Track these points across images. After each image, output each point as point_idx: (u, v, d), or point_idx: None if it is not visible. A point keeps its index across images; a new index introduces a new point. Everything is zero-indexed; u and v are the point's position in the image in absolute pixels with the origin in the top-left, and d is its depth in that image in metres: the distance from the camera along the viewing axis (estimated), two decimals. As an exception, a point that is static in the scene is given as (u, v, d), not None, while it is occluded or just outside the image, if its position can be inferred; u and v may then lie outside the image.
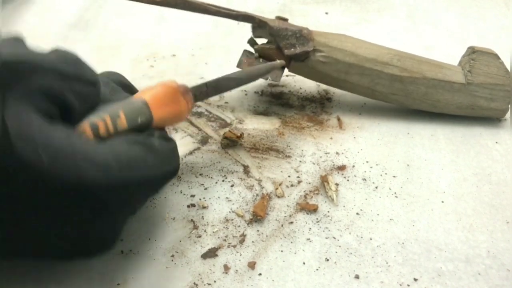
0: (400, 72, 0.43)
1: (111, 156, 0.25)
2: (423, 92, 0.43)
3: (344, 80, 0.44)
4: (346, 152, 0.42)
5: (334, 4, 0.65)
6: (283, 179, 0.39)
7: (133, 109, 0.30)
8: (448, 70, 0.44)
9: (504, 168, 0.41)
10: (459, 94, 0.43)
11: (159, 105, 0.31)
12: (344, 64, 0.43)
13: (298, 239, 0.34)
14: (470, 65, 0.43)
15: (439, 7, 0.65)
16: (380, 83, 0.43)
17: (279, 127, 0.44)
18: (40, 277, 0.31)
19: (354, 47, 0.43)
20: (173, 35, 0.42)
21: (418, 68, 0.43)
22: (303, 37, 0.42)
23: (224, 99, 0.47)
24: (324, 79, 0.45)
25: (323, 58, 0.43)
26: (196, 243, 0.34)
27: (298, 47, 0.42)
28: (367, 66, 0.43)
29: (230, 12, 0.41)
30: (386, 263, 0.33)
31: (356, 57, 0.43)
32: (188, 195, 0.37)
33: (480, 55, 0.44)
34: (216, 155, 0.41)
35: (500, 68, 0.43)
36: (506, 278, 0.32)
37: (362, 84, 0.44)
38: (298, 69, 0.44)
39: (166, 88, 0.32)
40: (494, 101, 0.43)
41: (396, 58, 0.43)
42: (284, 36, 0.42)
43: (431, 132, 0.44)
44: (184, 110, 0.33)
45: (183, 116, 0.34)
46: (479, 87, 0.43)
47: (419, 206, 0.37)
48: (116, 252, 0.33)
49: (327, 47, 0.43)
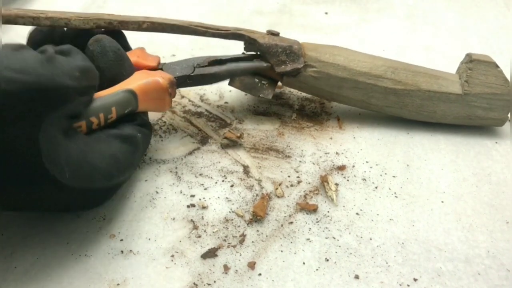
0: (394, 85, 0.42)
1: (113, 166, 0.31)
2: (419, 104, 0.43)
3: (337, 94, 0.43)
4: (346, 152, 0.42)
5: (334, 4, 0.65)
6: (283, 179, 0.39)
7: (123, 103, 0.33)
8: (445, 81, 0.43)
9: (504, 168, 0.41)
10: (456, 105, 0.42)
11: (146, 99, 0.35)
12: (336, 79, 0.42)
13: (298, 239, 0.34)
14: (467, 74, 0.42)
15: (439, 7, 0.65)
16: (374, 96, 0.43)
17: (279, 127, 0.44)
18: (40, 277, 0.31)
19: (347, 60, 0.42)
20: (173, 35, 0.42)
21: (413, 80, 0.42)
22: (293, 53, 0.42)
23: (224, 99, 0.47)
24: (317, 93, 0.44)
25: (315, 73, 0.42)
26: (196, 243, 0.34)
27: (289, 64, 0.42)
28: (360, 80, 0.42)
29: (219, 32, 0.41)
30: (386, 263, 0.33)
31: (348, 71, 0.42)
32: (188, 195, 0.37)
33: (478, 64, 0.42)
34: (216, 155, 0.41)
35: (498, 77, 0.42)
36: (505, 278, 0.32)
37: (356, 97, 0.43)
38: (291, 83, 0.44)
39: (156, 84, 0.35)
40: (492, 110, 0.42)
41: (390, 70, 0.42)
42: (274, 53, 0.41)
43: (431, 132, 0.44)
44: (167, 105, 0.37)
45: (164, 110, 0.38)
46: (477, 97, 0.42)
47: (419, 206, 0.37)
48: (116, 252, 0.33)
49: (318, 62, 0.42)
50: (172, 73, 0.39)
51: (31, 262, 0.32)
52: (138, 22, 0.39)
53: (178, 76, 0.39)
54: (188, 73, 0.40)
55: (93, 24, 0.37)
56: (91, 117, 0.31)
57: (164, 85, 0.36)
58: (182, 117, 0.45)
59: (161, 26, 0.40)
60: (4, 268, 0.31)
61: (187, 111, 0.46)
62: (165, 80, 0.36)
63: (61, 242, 0.33)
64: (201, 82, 0.41)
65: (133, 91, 0.34)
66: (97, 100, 0.32)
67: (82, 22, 0.37)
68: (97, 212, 0.35)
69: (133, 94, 0.34)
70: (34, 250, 0.33)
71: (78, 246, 0.33)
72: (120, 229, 0.34)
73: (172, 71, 0.40)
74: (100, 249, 0.33)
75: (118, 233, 0.34)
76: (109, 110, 0.32)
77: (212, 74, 0.40)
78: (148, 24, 0.39)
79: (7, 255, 0.32)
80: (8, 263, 0.32)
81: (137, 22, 0.39)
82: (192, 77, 0.40)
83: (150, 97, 0.35)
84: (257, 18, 0.60)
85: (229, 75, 0.42)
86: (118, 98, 0.33)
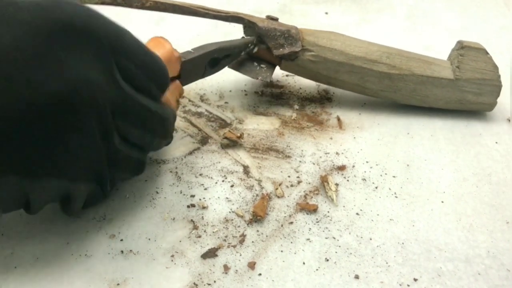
0: (389, 69, 0.43)
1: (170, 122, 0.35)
2: (412, 88, 0.44)
3: (334, 78, 0.44)
4: (346, 152, 0.42)
5: (334, 4, 0.65)
6: (283, 179, 0.39)
7: None
8: (437, 66, 0.44)
9: (504, 168, 0.41)
10: (448, 89, 0.44)
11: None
12: (333, 63, 0.43)
13: (298, 239, 0.34)
14: (459, 60, 0.44)
15: (439, 7, 0.65)
16: (369, 80, 0.44)
17: (279, 127, 0.44)
18: (40, 277, 0.31)
19: (344, 45, 0.43)
20: (173, 35, 0.42)
21: (407, 65, 0.44)
22: (291, 37, 0.43)
23: (224, 99, 0.47)
24: (314, 77, 0.45)
25: (313, 57, 0.43)
26: (196, 243, 0.34)
27: (287, 47, 0.43)
28: (356, 65, 0.43)
29: (219, 14, 0.42)
30: (386, 263, 0.33)
31: (345, 55, 0.43)
32: (188, 195, 0.37)
33: (468, 50, 0.44)
34: (216, 155, 0.41)
35: (488, 63, 0.44)
36: (506, 278, 0.32)
37: (352, 81, 0.44)
38: (289, 67, 0.45)
39: (167, 51, 0.36)
40: (482, 95, 0.44)
41: (385, 55, 0.44)
42: (273, 37, 0.43)
43: (431, 132, 0.44)
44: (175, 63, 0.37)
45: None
46: (467, 82, 0.44)
47: (419, 206, 0.37)
48: (116, 252, 0.33)
49: (316, 46, 0.43)
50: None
51: (31, 262, 0.32)
52: (141, 0, 0.40)
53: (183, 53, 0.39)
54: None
55: (98, 0, 0.38)
56: None
57: (170, 48, 0.37)
58: (182, 117, 0.45)
59: (164, 6, 0.41)
60: (4, 268, 0.31)
61: (187, 111, 0.46)
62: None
63: (61, 242, 0.33)
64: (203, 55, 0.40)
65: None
66: None
67: None
68: (97, 212, 0.35)
69: None
70: (34, 250, 0.33)
71: (78, 246, 0.33)
72: (120, 229, 0.34)
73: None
74: (100, 249, 0.33)
75: (118, 233, 0.34)
76: None
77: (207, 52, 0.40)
78: (151, 3, 0.40)
79: (7, 255, 0.32)
80: (8, 263, 0.32)
81: (140, 0, 0.40)
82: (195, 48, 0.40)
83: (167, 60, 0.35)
84: (257, 18, 0.60)
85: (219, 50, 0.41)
86: None
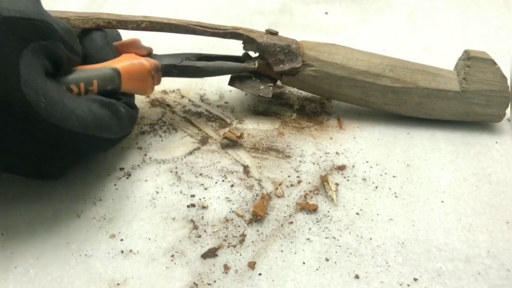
0: (393, 83, 0.42)
1: (89, 116, 0.32)
2: (417, 102, 0.43)
3: (336, 92, 0.43)
4: (346, 152, 0.42)
5: (334, 4, 0.65)
6: (283, 179, 0.39)
7: (106, 79, 0.34)
8: (443, 78, 0.43)
9: (504, 168, 0.41)
10: (454, 101, 0.43)
11: (129, 79, 0.36)
12: (335, 78, 0.42)
13: (298, 239, 0.34)
14: (465, 72, 0.42)
15: (439, 7, 0.65)
16: (373, 94, 0.43)
17: (279, 127, 0.44)
18: (40, 277, 0.31)
19: (345, 59, 0.42)
20: (173, 35, 0.42)
21: (411, 77, 0.42)
22: (291, 52, 0.42)
23: (224, 99, 0.47)
24: (316, 91, 0.44)
25: (314, 72, 0.42)
26: (196, 243, 0.34)
27: (287, 63, 0.42)
28: (359, 79, 0.42)
29: (217, 31, 0.41)
30: (386, 263, 0.33)
31: (347, 70, 0.42)
32: (188, 195, 0.37)
33: (475, 61, 0.42)
34: (216, 155, 0.41)
35: (496, 74, 0.42)
36: (506, 278, 0.32)
37: (354, 95, 0.43)
38: (290, 82, 0.44)
39: (140, 66, 0.36)
40: (490, 107, 0.43)
41: (389, 68, 0.42)
42: (273, 52, 0.42)
43: (431, 132, 0.44)
44: (149, 88, 0.38)
45: (147, 93, 0.38)
46: (475, 94, 0.42)
47: (419, 206, 0.37)
48: (116, 252, 0.33)
49: (317, 61, 0.42)
50: (160, 62, 0.39)
51: (31, 262, 0.32)
52: (137, 21, 0.39)
53: (164, 64, 0.40)
54: (175, 63, 0.41)
55: (92, 24, 0.38)
56: (71, 85, 0.33)
57: (148, 67, 0.37)
58: (182, 117, 0.45)
59: (160, 26, 0.40)
60: (4, 268, 0.31)
61: (187, 111, 0.46)
62: (149, 63, 0.37)
63: (61, 242, 0.33)
64: (186, 74, 0.41)
65: (117, 70, 0.35)
66: (80, 71, 0.34)
67: (81, 22, 0.37)
68: (97, 212, 0.35)
69: (117, 73, 0.35)
70: (34, 250, 0.33)
71: (78, 246, 0.33)
72: (120, 229, 0.34)
73: (160, 59, 0.40)
74: (100, 249, 0.33)
75: (118, 233, 0.34)
76: (90, 82, 0.34)
77: (197, 67, 0.41)
78: (147, 23, 0.40)
79: (7, 255, 0.32)
80: (8, 263, 0.32)
81: (135, 22, 0.39)
82: (178, 67, 0.40)
83: (133, 78, 0.36)
84: (257, 18, 0.60)
85: (214, 71, 0.42)
86: (101, 73, 0.34)
